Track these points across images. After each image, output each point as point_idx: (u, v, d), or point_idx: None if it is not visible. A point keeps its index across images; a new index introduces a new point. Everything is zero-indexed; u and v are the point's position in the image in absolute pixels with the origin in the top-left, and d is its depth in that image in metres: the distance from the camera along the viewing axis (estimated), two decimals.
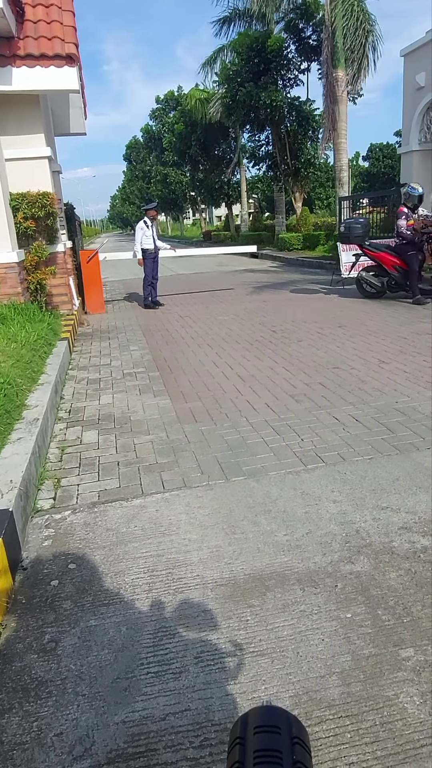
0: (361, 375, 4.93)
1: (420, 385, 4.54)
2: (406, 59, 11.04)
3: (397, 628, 1.91)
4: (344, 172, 17.41)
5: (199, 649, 1.88)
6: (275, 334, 6.96)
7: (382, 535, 2.46)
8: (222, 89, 21.53)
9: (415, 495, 2.79)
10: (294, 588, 2.15)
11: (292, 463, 3.26)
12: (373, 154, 37.96)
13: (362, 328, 6.94)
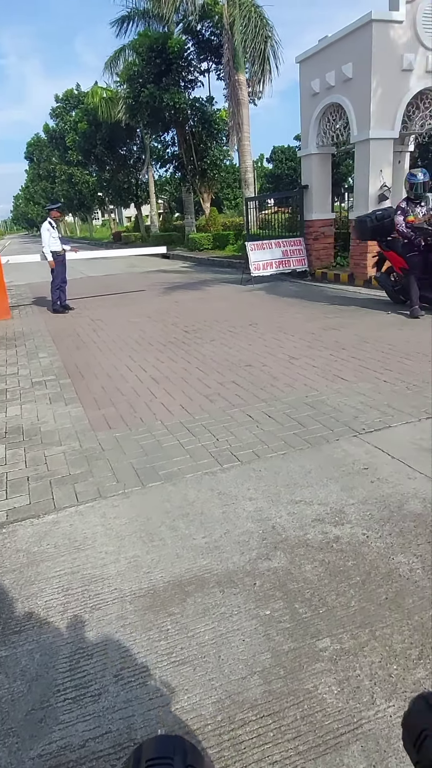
0: (272, 372, 5.05)
1: (327, 378, 4.72)
2: (301, 66, 11.47)
3: (314, 620, 1.96)
4: (249, 173, 17.83)
5: (118, 667, 1.81)
6: (188, 335, 6.96)
7: (297, 529, 2.52)
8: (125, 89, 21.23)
9: (326, 486, 2.89)
10: (214, 591, 2.14)
11: (209, 463, 3.26)
12: (277, 157, 39.24)
13: (272, 326, 7.12)
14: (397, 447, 3.28)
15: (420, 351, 5.34)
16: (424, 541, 2.35)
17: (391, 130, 9.65)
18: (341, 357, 5.38)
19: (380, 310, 7.70)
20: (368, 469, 3.04)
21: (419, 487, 2.80)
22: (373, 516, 2.57)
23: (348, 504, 2.70)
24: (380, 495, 2.75)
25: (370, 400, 4.11)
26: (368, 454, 3.22)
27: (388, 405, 3.99)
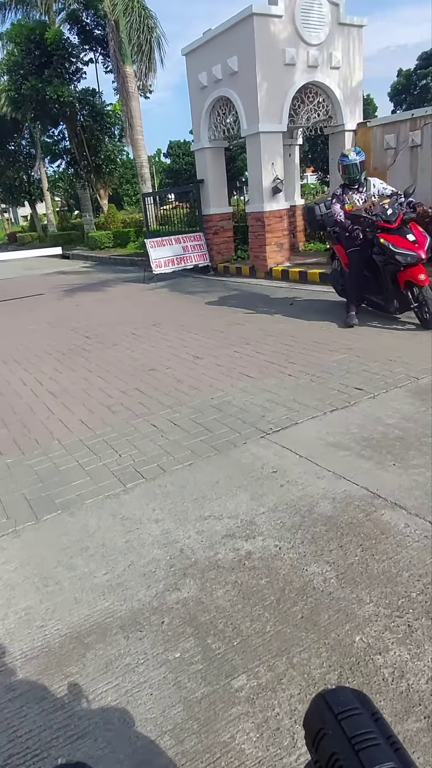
0: (177, 374, 4.86)
1: (233, 377, 4.61)
2: (188, 59, 11.31)
3: (228, 655, 1.79)
4: (145, 168, 17.47)
5: (5, 756, 1.54)
6: (89, 340, 6.59)
7: (207, 549, 2.35)
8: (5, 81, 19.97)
9: (235, 496, 2.75)
10: (117, 638, 1.92)
11: (111, 484, 3.01)
12: (174, 151, 38.96)
13: (176, 325, 6.94)
14: (305, 445, 3.21)
15: (321, 340, 5.39)
16: (336, 545, 2.27)
17: (279, 123, 9.76)
18: (246, 353, 5.31)
19: (283, 297, 7.76)
20: (277, 472, 2.94)
21: (328, 486, 2.73)
22: (284, 524, 2.46)
23: (258, 513, 2.57)
24: (290, 499, 2.65)
25: (276, 397, 4.04)
26: (277, 456, 3.13)
27: (294, 400, 3.94)
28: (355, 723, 0.54)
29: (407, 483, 2.68)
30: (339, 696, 0.57)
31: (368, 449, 3.08)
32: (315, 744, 0.56)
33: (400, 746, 0.53)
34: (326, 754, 0.53)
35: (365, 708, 0.56)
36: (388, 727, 0.55)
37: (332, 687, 0.60)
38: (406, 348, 4.87)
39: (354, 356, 4.81)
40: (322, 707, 0.57)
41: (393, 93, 33.28)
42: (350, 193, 5.82)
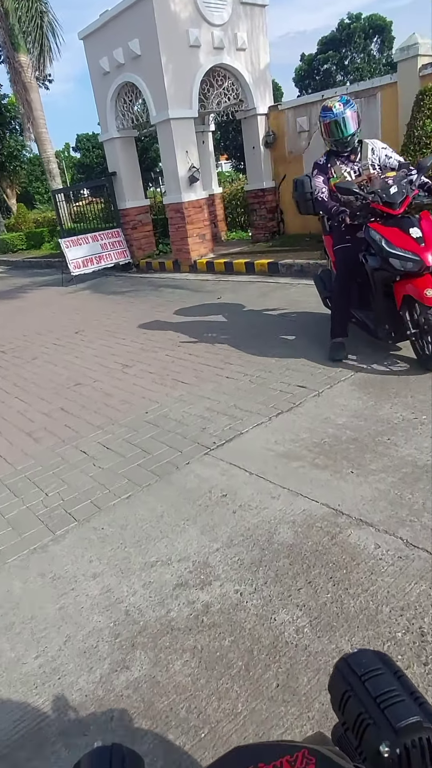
0: (105, 387, 4.44)
1: (167, 385, 4.25)
2: (86, 43, 10.64)
3: (196, 752, 1.46)
4: (52, 163, 16.53)
5: None
6: (5, 355, 5.99)
7: (157, 606, 2.00)
8: None
9: (183, 532, 2.40)
10: (57, 749, 1.53)
11: (37, 534, 2.58)
12: (83, 145, 37.46)
13: (100, 330, 6.46)
14: (253, 458, 2.92)
15: (259, 334, 5.13)
16: (304, 582, 1.99)
17: (190, 108, 9.39)
18: (178, 356, 4.95)
19: (209, 292, 7.46)
20: (227, 495, 2.62)
21: (285, 507, 2.45)
22: (242, 562, 2.15)
23: (212, 551, 2.25)
24: (246, 529, 2.35)
25: (216, 404, 3.73)
26: (224, 475, 2.81)
27: (235, 406, 3.64)
28: (378, 682, 0.55)
29: (369, 493, 2.44)
30: (361, 658, 0.58)
31: (322, 456, 2.83)
32: (341, 707, 0.56)
33: (424, 700, 0.53)
34: (353, 715, 0.54)
35: (387, 667, 0.57)
36: (411, 683, 0.55)
37: (354, 650, 0.60)
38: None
39: (289, 349, 4.58)
40: (345, 671, 0.58)
41: (297, 78, 33.67)
42: (338, 162, 3.98)
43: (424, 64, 7.82)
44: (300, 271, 7.81)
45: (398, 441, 2.85)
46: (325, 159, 4.09)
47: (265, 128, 10.30)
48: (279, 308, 6.08)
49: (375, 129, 8.75)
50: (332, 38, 31.55)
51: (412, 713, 0.52)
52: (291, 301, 6.34)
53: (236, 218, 13.83)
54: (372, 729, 0.53)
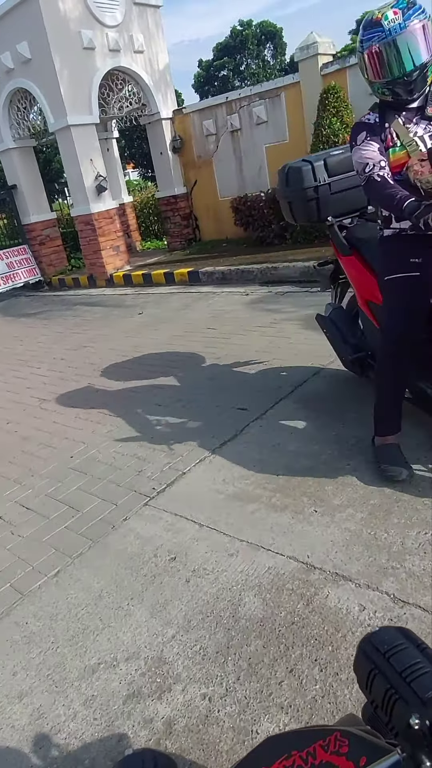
0: (21, 429, 3.87)
1: (93, 420, 3.77)
2: None
3: None
4: None
5: None
6: None
7: (104, 733, 1.56)
8: None
9: (129, 616, 1.97)
10: None
11: None
12: None
13: (12, 359, 5.81)
14: (201, 505, 2.53)
15: (187, 350, 4.75)
16: (284, 670, 1.63)
17: (90, 114, 8.87)
18: (103, 384, 4.47)
19: (129, 307, 7.00)
20: (176, 558, 2.22)
21: (246, 566, 2.08)
22: (206, 651, 1.75)
23: (167, 640, 1.83)
24: (204, 603, 1.95)
25: (150, 438, 3.30)
26: (170, 531, 2.40)
27: (172, 438, 3.24)
28: (403, 657, 0.55)
29: (339, 536, 2.13)
30: (383, 636, 0.59)
31: (279, 494, 2.49)
32: (368, 686, 0.56)
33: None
34: (381, 692, 0.54)
35: (410, 642, 0.57)
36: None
37: (376, 629, 0.60)
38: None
39: (226, 366, 4.24)
40: (369, 649, 0.58)
41: (197, 85, 33.77)
42: (400, 119, 2.16)
43: (324, 63, 7.82)
44: (222, 279, 7.54)
45: (359, 467, 2.57)
46: (376, 116, 2.24)
47: (172, 133, 9.98)
48: (208, 327, 5.73)
49: (282, 128, 8.68)
50: (226, 45, 31.92)
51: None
52: (216, 311, 6.02)
53: (150, 227, 13.42)
54: (400, 703, 0.52)
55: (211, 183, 9.96)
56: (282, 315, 5.31)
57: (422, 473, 2.38)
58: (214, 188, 9.94)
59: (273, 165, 8.98)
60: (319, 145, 7.41)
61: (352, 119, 7.44)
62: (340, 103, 7.37)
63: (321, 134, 7.40)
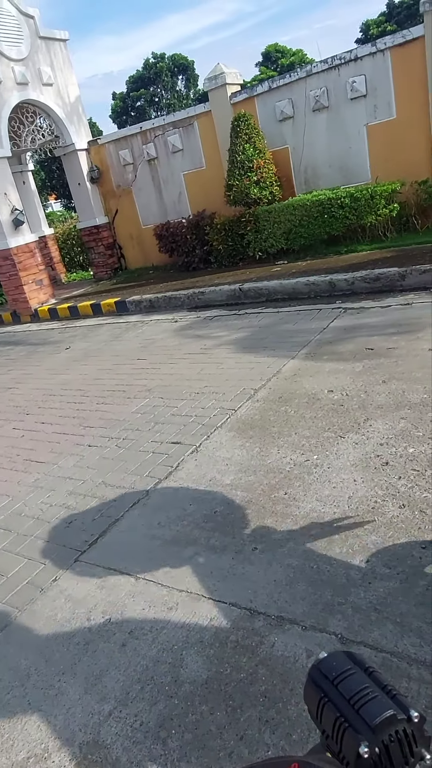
0: None
1: (17, 469, 3.51)
2: None
3: None
4: None
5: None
6: None
7: None
8: None
9: (60, 695, 1.76)
10: None
11: None
12: None
13: None
14: (136, 554, 2.37)
15: (117, 384, 4.58)
16: (234, 737, 1.49)
17: (1, 148, 8.61)
18: (28, 427, 4.21)
19: (56, 343, 6.73)
20: (111, 619, 2.04)
21: (187, 620, 1.94)
22: (147, 726, 1.59)
23: (103, 718, 1.65)
24: (143, 668, 1.78)
25: (80, 485, 3.10)
26: (104, 588, 2.22)
27: (104, 483, 3.06)
28: (351, 683, 0.54)
29: (282, 574, 2.03)
30: (331, 662, 0.57)
31: (217, 533, 2.37)
32: (318, 715, 0.55)
33: (396, 692, 0.52)
34: (331, 721, 0.53)
35: (358, 665, 0.56)
36: (383, 677, 0.54)
37: (323, 655, 0.58)
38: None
39: (157, 398, 4.11)
40: (318, 677, 0.57)
41: (114, 116, 34.06)
42: None
43: (233, 92, 8.01)
44: (150, 307, 7.43)
45: (297, 494, 2.50)
46: None
47: (88, 164, 9.87)
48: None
49: (198, 155, 8.79)
50: (140, 77, 32.48)
51: (385, 708, 0.50)
52: (145, 341, 5.89)
53: (74, 258, 13.18)
54: (350, 732, 0.50)
55: (132, 211, 9.91)
56: (211, 340, 5.26)
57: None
58: (136, 216, 9.89)
59: (192, 191, 9.07)
60: (234, 170, 7.54)
61: (264, 145, 7.65)
62: (252, 129, 7.55)
63: (236, 160, 7.53)
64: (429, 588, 1.80)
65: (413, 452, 2.59)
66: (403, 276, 5.35)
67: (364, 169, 7.46)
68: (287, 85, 7.65)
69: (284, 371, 3.98)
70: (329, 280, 5.81)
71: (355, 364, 3.77)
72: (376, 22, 25.40)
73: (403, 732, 0.50)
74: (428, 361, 3.54)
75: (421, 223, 6.87)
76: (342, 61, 7.17)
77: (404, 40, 6.71)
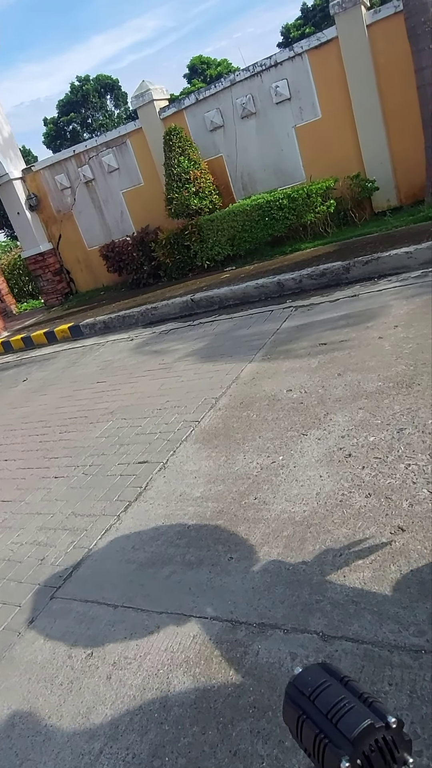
0: None
1: None
2: None
3: None
4: None
5: None
6: None
7: None
8: None
9: (47, 742, 1.71)
10: None
11: None
12: None
13: None
14: (113, 582, 2.33)
15: (78, 410, 4.52)
16: (226, 754, 1.47)
17: None
18: None
19: (13, 376, 6.60)
20: (94, 654, 1.99)
21: (169, 642, 1.91)
22: (140, 759, 1.55)
23: (94, 759, 1.60)
24: (131, 699, 1.75)
25: (50, 519, 3.04)
26: (83, 622, 2.16)
27: (74, 514, 3.00)
28: (327, 697, 0.53)
29: (260, 580, 2.03)
30: (306, 677, 0.56)
31: (192, 548, 2.35)
32: (298, 734, 0.54)
33: (373, 699, 0.52)
34: (311, 739, 0.52)
35: (333, 677, 0.55)
36: (358, 686, 0.54)
37: (298, 671, 0.57)
38: None
39: (120, 420, 4.07)
40: (295, 695, 0.56)
41: (48, 141, 33.82)
42: None
43: (161, 108, 8.08)
44: (105, 328, 7.38)
45: (266, 497, 2.51)
46: None
47: (25, 192, 9.77)
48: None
49: (135, 173, 8.81)
50: (69, 101, 32.39)
51: (363, 718, 0.50)
52: (103, 363, 5.84)
53: (23, 287, 13.00)
54: (330, 748, 0.50)
55: (76, 235, 9.84)
56: (169, 355, 5.26)
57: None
58: (80, 239, 9.83)
59: (133, 208, 9.08)
60: (172, 183, 7.59)
61: (198, 156, 7.73)
62: (184, 142, 7.63)
63: (172, 173, 7.59)
64: (401, 572, 1.83)
65: (374, 440, 2.64)
66: (347, 269, 5.48)
67: (297, 169, 7.63)
68: (214, 95, 7.77)
69: (243, 376, 4.01)
70: (277, 281, 5.89)
71: (310, 361, 3.83)
72: (295, 25, 26.13)
73: (383, 740, 0.50)
74: (379, 349, 3.62)
75: (359, 216, 7.07)
76: (263, 67, 7.33)
77: (319, 43, 6.91)
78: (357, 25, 6.61)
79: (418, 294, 4.45)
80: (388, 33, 6.54)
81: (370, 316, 4.33)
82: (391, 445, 2.56)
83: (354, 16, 6.59)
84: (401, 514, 2.10)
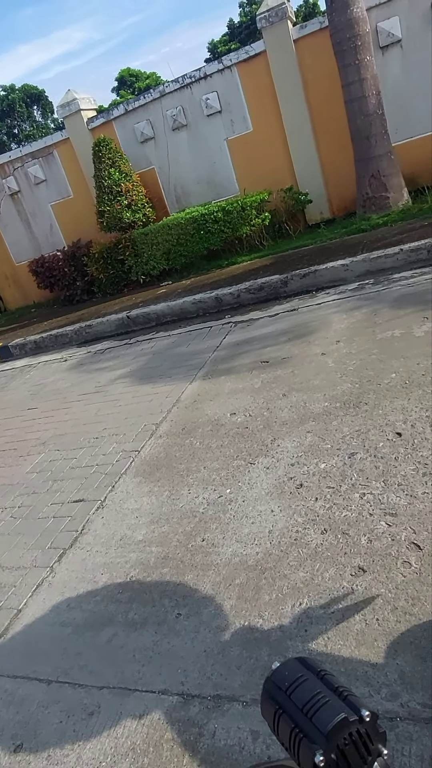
0: None
1: None
2: None
3: None
4: None
5: None
6: None
7: None
8: None
9: None
10: None
11: None
12: None
13: None
14: (47, 651, 2.03)
15: (7, 442, 4.13)
16: None
17: None
18: None
19: None
20: (23, 745, 1.69)
21: (112, 726, 1.65)
22: None
23: None
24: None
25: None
26: (11, 704, 1.86)
27: (2, 567, 2.67)
28: (303, 691, 0.54)
29: (212, 640, 1.81)
30: (284, 672, 0.56)
31: (135, 603, 2.11)
32: (276, 729, 0.54)
33: (348, 692, 0.52)
34: (287, 733, 0.52)
35: (310, 671, 0.55)
36: (335, 678, 0.54)
37: (276, 665, 0.57)
38: None
39: (53, 451, 3.75)
40: (272, 689, 0.56)
41: None
42: None
43: (90, 118, 7.80)
44: (36, 348, 6.96)
45: (215, 538, 2.30)
46: None
47: None
48: None
49: (63, 185, 8.47)
50: None
51: (337, 711, 0.50)
52: (35, 387, 5.46)
53: None
54: (305, 742, 0.50)
55: (2, 250, 9.33)
56: (105, 376, 4.97)
57: None
58: (7, 254, 9.32)
59: (63, 222, 8.71)
60: (103, 196, 7.31)
61: (129, 168, 7.50)
62: (114, 153, 7.38)
63: (103, 185, 7.31)
64: (366, 622, 1.67)
65: (325, 467, 2.50)
66: (285, 282, 5.41)
67: (231, 182, 7.57)
68: (143, 106, 7.58)
69: (184, 399, 3.80)
70: (215, 296, 5.74)
71: (253, 381, 3.68)
72: (222, 41, 26.51)
73: (357, 733, 0.50)
74: (323, 366, 3.52)
75: (293, 228, 7.07)
76: (193, 79, 7.23)
77: (248, 56, 6.90)
78: (284, 39, 6.65)
79: (356, 307, 4.43)
80: (314, 48, 6.61)
81: (311, 330, 4.25)
82: (344, 472, 2.42)
83: (281, 30, 6.62)
84: (360, 551, 1.96)
